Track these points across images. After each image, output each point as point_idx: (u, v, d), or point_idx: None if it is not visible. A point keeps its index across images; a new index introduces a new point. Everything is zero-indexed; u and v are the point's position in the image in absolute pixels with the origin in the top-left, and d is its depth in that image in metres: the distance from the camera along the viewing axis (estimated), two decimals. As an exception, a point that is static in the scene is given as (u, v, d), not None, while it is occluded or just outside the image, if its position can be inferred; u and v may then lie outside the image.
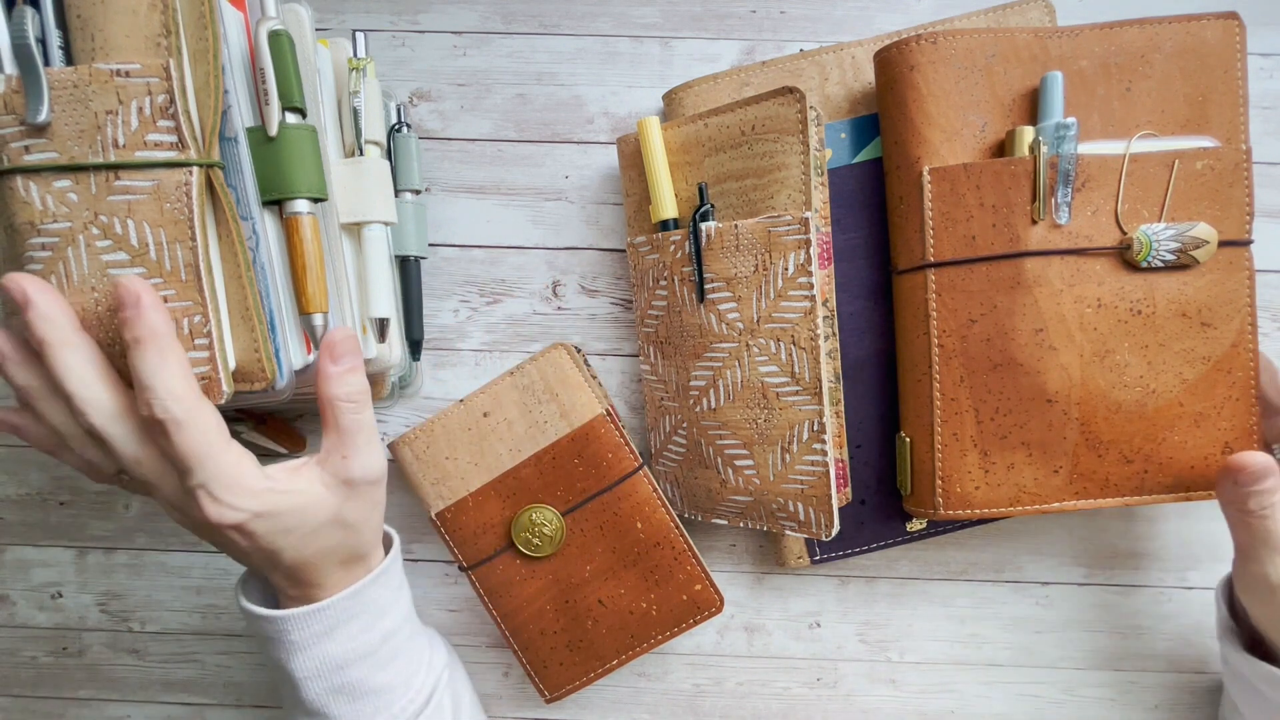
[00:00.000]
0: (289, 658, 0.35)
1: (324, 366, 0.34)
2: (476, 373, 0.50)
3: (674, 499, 0.47)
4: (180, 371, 0.30)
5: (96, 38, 0.32)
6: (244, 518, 0.32)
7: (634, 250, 0.46)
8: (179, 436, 0.30)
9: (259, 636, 0.36)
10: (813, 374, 0.40)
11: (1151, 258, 0.39)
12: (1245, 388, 0.40)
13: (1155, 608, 0.50)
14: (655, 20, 0.49)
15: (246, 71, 0.36)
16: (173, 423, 0.29)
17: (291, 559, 0.34)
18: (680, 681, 0.51)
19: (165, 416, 0.29)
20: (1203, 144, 0.40)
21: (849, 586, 0.50)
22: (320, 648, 0.35)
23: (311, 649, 0.35)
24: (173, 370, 0.30)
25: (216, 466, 0.31)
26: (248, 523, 0.32)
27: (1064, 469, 0.41)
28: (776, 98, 0.40)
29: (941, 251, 0.40)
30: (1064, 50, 0.40)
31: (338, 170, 0.40)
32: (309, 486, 0.33)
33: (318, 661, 0.35)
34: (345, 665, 0.36)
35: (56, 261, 0.32)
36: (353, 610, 0.36)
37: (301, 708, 0.36)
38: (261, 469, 0.33)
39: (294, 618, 0.35)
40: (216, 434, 0.31)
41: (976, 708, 0.50)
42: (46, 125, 0.31)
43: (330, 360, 0.34)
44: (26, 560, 0.52)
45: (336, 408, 0.34)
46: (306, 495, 0.33)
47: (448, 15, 0.49)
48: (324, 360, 0.34)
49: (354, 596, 0.36)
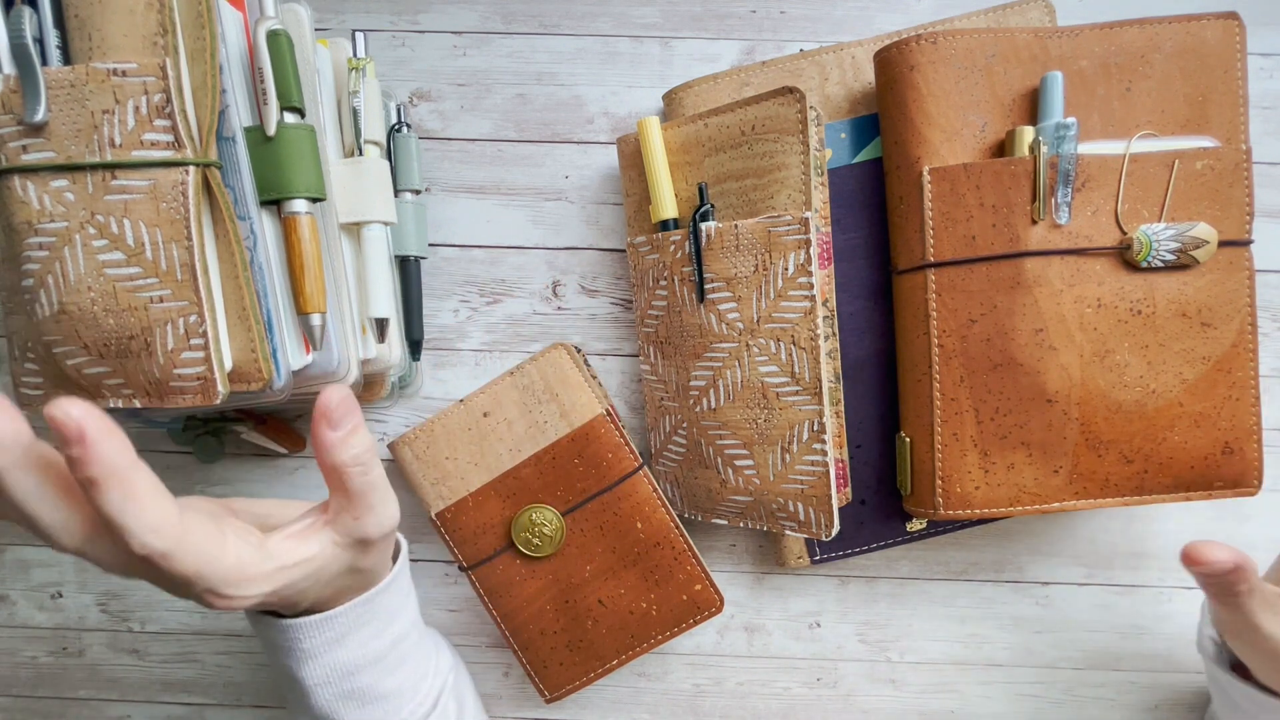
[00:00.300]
0: (299, 665, 0.35)
1: (322, 434, 0.30)
2: (476, 373, 0.50)
3: (674, 499, 0.47)
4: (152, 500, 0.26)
5: (94, 37, 0.32)
6: (256, 600, 0.30)
7: (634, 250, 0.46)
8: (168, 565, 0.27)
9: (267, 642, 0.36)
10: (813, 374, 0.40)
11: (1151, 258, 0.39)
12: (1245, 388, 0.40)
13: (1155, 608, 0.49)
14: (655, 20, 0.48)
15: (245, 71, 0.36)
16: (159, 556, 0.26)
17: (310, 601, 0.34)
18: (680, 681, 0.51)
19: (148, 552, 0.26)
20: (1203, 144, 0.40)
21: (849, 586, 0.50)
22: (331, 655, 0.35)
23: (322, 656, 0.35)
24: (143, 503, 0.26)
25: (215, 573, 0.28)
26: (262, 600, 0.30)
27: (1064, 469, 0.41)
28: (776, 98, 0.40)
29: (941, 251, 0.40)
30: (1064, 50, 0.40)
31: (337, 170, 0.40)
32: (320, 550, 0.31)
33: (328, 669, 0.35)
34: (355, 671, 0.35)
35: (53, 261, 0.32)
36: (364, 617, 0.35)
37: (310, 714, 0.36)
38: (265, 549, 0.30)
39: (306, 625, 0.34)
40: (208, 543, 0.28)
41: (976, 708, 0.50)
42: (44, 125, 0.31)
43: (329, 427, 0.30)
44: (26, 560, 0.52)
45: (343, 473, 0.31)
46: (318, 559, 0.31)
47: (448, 15, 0.49)
48: (321, 428, 0.30)
49: (366, 604, 0.35)
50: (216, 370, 0.33)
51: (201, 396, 0.33)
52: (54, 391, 0.35)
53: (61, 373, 0.34)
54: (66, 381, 0.34)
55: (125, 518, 0.25)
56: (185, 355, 0.33)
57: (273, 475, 0.50)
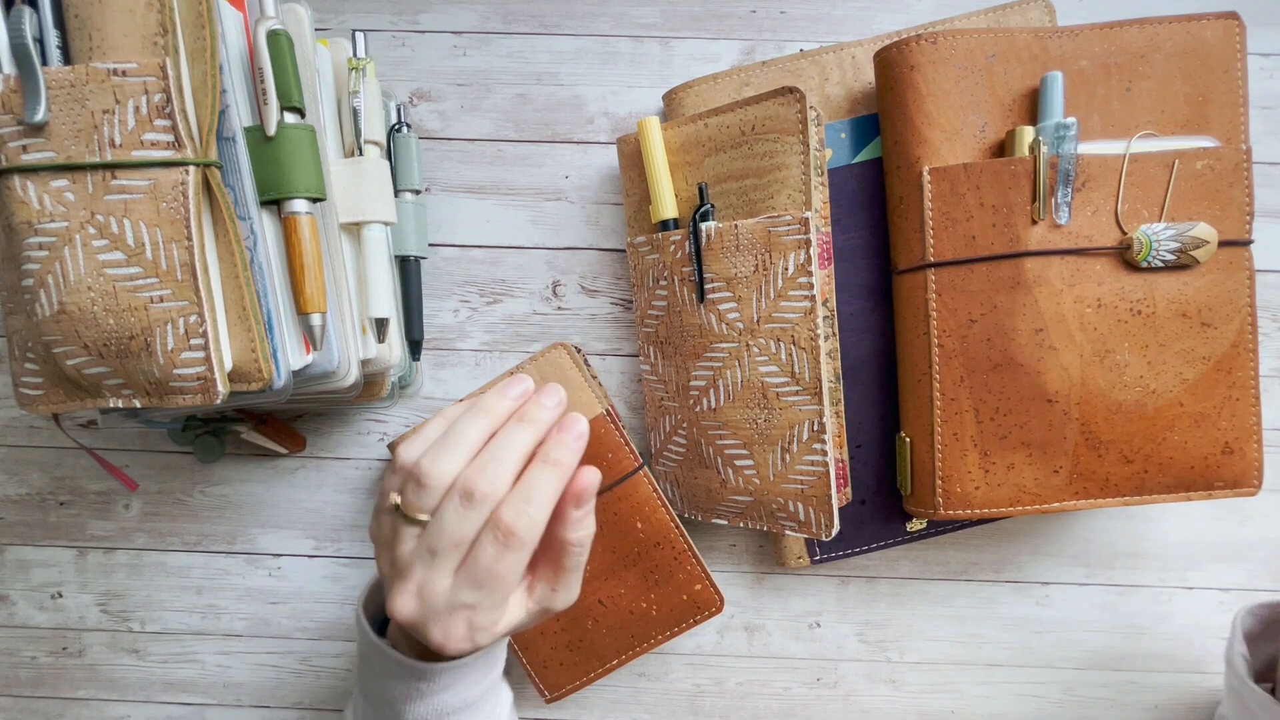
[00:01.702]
0: (408, 702, 0.35)
1: (567, 511, 0.32)
2: (476, 373, 0.50)
3: (674, 499, 0.47)
4: (551, 506, 0.31)
5: (94, 37, 0.32)
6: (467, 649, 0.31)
7: (634, 250, 0.46)
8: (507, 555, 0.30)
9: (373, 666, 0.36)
10: (813, 374, 0.40)
11: (1151, 258, 0.39)
12: (1245, 388, 0.40)
13: (1155, 608, 0.49)
14: (655, 20, 0.48)
15: (245, 71, 0.36)
16: (517, 541, 0.30)
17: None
18: (680, 681, 0.51)
19: (516, 527, 0.30)
20: (1203, 144, 0.40)
21: (849, 586, 0.50)
22: (440, 696, 0.35)
23: (433, 697, 0.35)
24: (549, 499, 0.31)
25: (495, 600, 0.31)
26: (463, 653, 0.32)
27: (1064, 469, 0.41)
28: (776, 98, 0.40)
29: (941, 251, 0.40)
30: (1064, 50, 0.40)
31: (337, 170, 0.40)
32: (517, 618, 0.33)
33: (431, 708, 0.35)
34: (452, 713, 0.35)
35: (53, 261, 0.32)
36: (478, 664, 0.36)
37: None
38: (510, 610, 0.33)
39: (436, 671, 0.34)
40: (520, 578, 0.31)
41: (976, 708, 0.50)
42: (44, 125, 0.31)
43: (575, 506, 0.33)
44: (26, 560, 0.52)
45: (566, 550, 0.33)
46: (513, 626, 0.33)
47: (448, 15, 0.49)
48: (568, 505, 0.32)
49: (485, 654, 0.36)
50: (216, 370, 0.33)
51: (201, 396, 0.33)
52: (54, 391, 0.35)
53: (61, 373, 0.34)
54: (66, 381, 0.34)
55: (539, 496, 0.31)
56: (185, 355, 0.33)
57: (273, 475, 0.50)
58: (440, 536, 0.30)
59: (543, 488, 0.31)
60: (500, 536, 0.30)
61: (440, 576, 0.30)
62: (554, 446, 0.32)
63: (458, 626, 0.31)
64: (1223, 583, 0.49)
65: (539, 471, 0.31)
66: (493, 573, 0.30)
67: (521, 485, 0.31)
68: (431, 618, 0.31)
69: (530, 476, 0.31)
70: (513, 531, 0.30)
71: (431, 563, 0.30)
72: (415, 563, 0.31)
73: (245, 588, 0.51)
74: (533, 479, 0.31)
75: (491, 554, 0.30)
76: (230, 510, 0.51)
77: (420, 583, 0.31)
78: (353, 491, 0.50)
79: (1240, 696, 0.40)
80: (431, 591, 0.31)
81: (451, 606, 0.31)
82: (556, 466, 0.31)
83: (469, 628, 0.31)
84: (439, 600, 0.31)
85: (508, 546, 0.30)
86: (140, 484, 0.51)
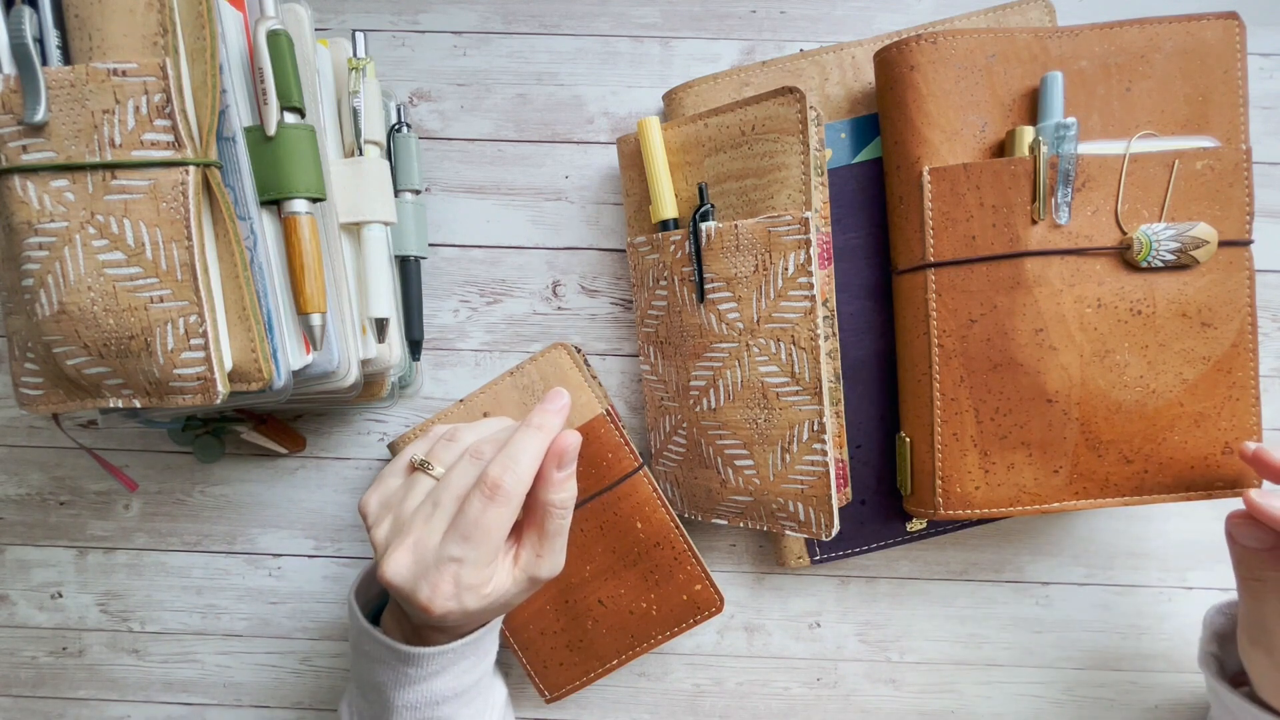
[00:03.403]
0: (398, 688, 0.36)
1: (549, 471, 0.34)
2: (476, 373, 0.50)
3: (674, 499, 0.47)
4: (535, 465, 0.33)
5: (94, 37, 0.32)
6: (454, 609, 0.32)
7: (634, 250, 0.46)
8: (492, 508, 0.32)
9: (364, 654, 0.37)
10: (813, 374, 0.40)
11: (1151, 258, 0.39)
12: (1245, 388, 0.40)
13: (1155, 608, 0.49)
14: (655, 20, 0.48)
15: (245, 71, 0.36)
16: (503, 494, 0.32)
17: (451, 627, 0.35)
18: (680, 681, 0.51)
19: (502, 480, 0.32)
20: (1203, 144, 0.40)
21: (849, 586, 0.50)
22: (429, 684, 0.36)
23: (421, 684, 0.36)
24: (533, 459, 0.33)
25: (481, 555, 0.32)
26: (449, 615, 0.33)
27: (1064, 469, 0.41)
28: (776, 98, 0.40)
29: (941, 251, 0.40)
30: (1064, 50, 0.40)
31: (337, 170, 0.40)
32: (504, 584, 0.34)
33: (421, 695, 0.36)
34: (442, 702, 0.36)
35: (53, 261, 0.32)
36: (467, 652, 0.36)
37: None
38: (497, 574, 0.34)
39: (424, 656, 0.35)
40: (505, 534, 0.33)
41: (976, 708, 0.50)
42: (44, 125, 0.31)
43: (556, 467, 0.34)
44: (26, 560, 0.52)
45: (548, 512, 0.35)
46: (501, 594, 0.34)
47: (448, 15, 0.49)
48: (549, 465, 0.34)
49: (475, 642, 0.36)
50: (216, 370, 0.33)
51: (201, 396, 0.33)
52: (54, 391, 0.35)
53: (61, 373, 0.34)
54: (66, 381, 0.34)
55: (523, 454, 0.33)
56: (185, 355, 0.33)
57: (273, 475, 0.50)
58: (447, 488, 0.33)
59: (527, 447, 0.33)
60: (486, 490, 0.32)
61: (434, 532, 0.33)
62: (537, 413, 0.35)
63: (445, 583, 0.32)
64: (1223, 583, 0.49)
65: (523, 434, 0.34)
66: (479, 524, 0.32)
67: (508, 446, 0.33)
68: (421, 574, 0.32)
69: (515, 438, 0.34)
70: (498, 485, 0.32)
71: (432, 514, 0.33)
72: (416, 518, 0.33)
73: (245, 588, 0.51)
74: (517, 440, 0.34)
75: (478, 506, 0.32)
76: (230, 510, 0.51)
77: (417, 538, 0.33)
78: (353, 491, 0.50)
79: (1219, 698, 0.40)
80: (425, 545, 0.32)
81: (440, 559, 0.32)
82: (540, 429, 0.34)
83: (455, 584, 0.32)
84: (429, 554, 0.32)
85: (493, 499, 0.32)
86: (140, 484, 0.51)
